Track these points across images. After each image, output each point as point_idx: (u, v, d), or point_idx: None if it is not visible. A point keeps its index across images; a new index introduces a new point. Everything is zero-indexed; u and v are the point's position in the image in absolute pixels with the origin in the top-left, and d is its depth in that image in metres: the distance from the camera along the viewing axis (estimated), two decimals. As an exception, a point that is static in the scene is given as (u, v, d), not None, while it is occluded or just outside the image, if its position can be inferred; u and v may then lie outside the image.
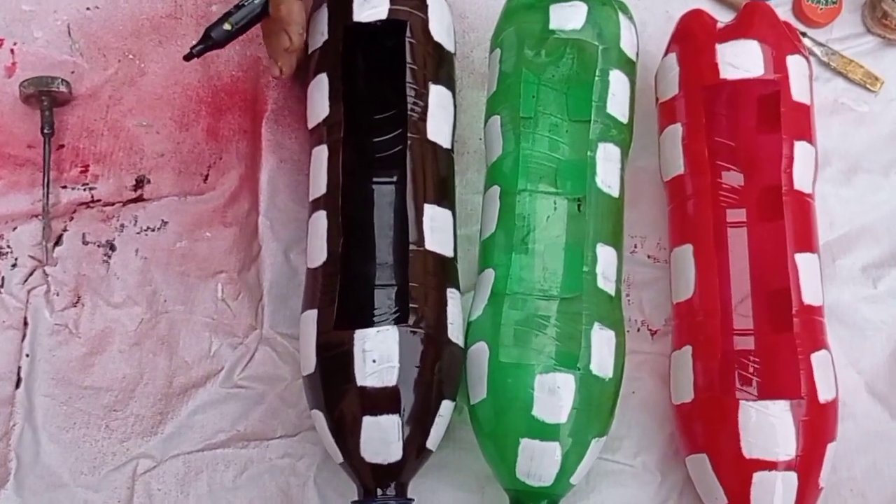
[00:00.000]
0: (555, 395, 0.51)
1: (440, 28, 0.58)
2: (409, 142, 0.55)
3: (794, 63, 0.57)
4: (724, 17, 0.60)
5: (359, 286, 0.53)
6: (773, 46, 0.56)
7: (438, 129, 0.56)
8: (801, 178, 0.56)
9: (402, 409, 0.50)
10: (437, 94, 0.56)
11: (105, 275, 0.61)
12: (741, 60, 0.56)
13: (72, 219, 0.62)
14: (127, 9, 0.66)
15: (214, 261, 0.61)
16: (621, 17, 0.58)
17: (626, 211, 0.62)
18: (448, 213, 0.56)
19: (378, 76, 0.56)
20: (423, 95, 0.56)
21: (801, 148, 0.56)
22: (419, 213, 0.53)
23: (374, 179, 0.55)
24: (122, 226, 0.62)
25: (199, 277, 0.61)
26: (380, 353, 0.50)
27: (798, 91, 0.57)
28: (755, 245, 0.57)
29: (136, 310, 0.60)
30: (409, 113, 0.55)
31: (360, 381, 0.50)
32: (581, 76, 0.58)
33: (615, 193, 0.56)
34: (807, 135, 0.57)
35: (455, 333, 0.53)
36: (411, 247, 0.53)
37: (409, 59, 0.56)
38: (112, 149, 0.63)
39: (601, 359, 0.53)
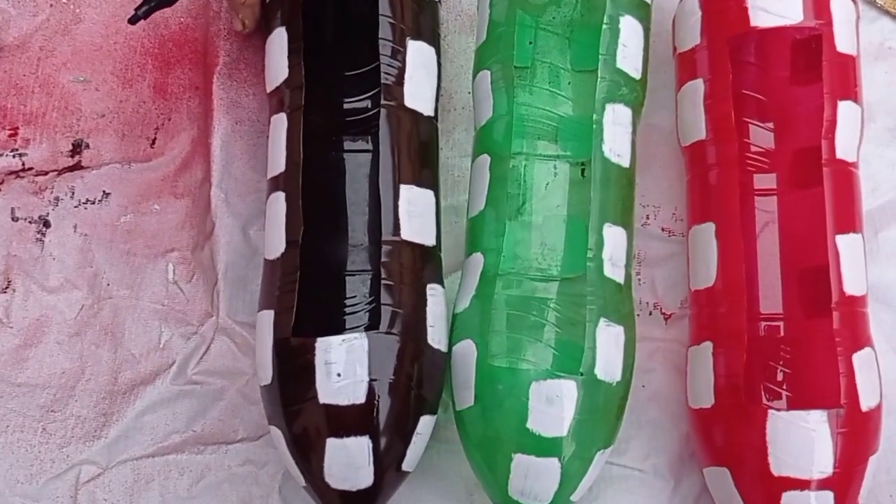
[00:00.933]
0: (553, 405, 0.44)
1: None
2: (382, 111, 0.46)
3: (839, 6, 0.48)
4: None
5: (322, 286, 0.45)
6: None
7: (418, 93, 0.48)
8: (845, 145, 0.48)
9: (373, 430, 0.43)
10: (418, 52, 0.48)
11: (39, 255, 0.54)
12: (776, 4, 0.48)
13: (-1, 190, 0.55)
14: (58, -57, 0.57)
15: (164, 237, 0.54)
16: None
17: (638, 177, 0.54)
18: (429, 193, 0.48)
19: (346, 30, 0.48)
20: (399, 53, 0.47)
21: (845, 109, 0.48)
22: (395, 198, 0.46)
23: (340, 156, 0.46)
24: (58, 199, 0.55)
25: (146, 257, 0.54)
26: (346, 366, 0.43)
27: (843, 41, 0.48)
28: (796, 220, 0.49)
29: (75, 295, 0.53)
30: (382, 75, 0.47)
31: (322, 398, 0.43)
32: (587, 19, 0.50)
33: (625, 163, 0.49)
34: (852, 93, 0.49)
35: (436, 338, 0.46)
36: (385, 238, 0.45)
37: (382, 9, 0.47)
38: (44, 108, 0.56)
39: (607, 360, 0.45)
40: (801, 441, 0.44)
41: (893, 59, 0.57)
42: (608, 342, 0.46)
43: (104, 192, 0.55)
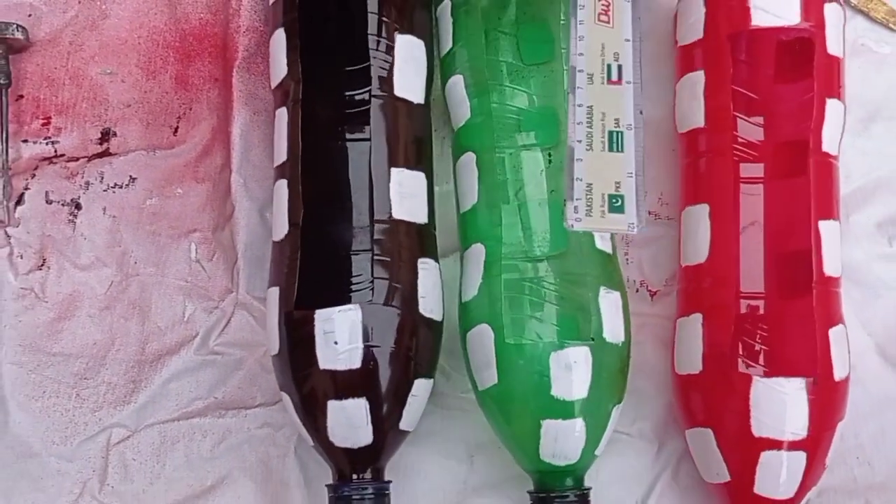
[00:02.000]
0: (573, 371, 0.48)
1: None
2: (373, 101, 0.50)
3: (831, 11, 0.52)
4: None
5: (320, 262, 0.49)
6: None
7: (408, 83, 0.51)
8: (830, 139, 0.52)
9: (370, 392, 0.47)
10: (406, 45, 0.51)
11: (71, 235, 0.57)
12: (776, 6, 0.51)
13: (34, 175, 0.58)
14: (85, -56, 0.61)
15: (187, 219, 0.58)
16: None
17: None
18: (420, 175, 0.51)
19: (339, 29, 0.51)
20: (389, 48, 0.51)
21: (832, 106, 0.52)
22: (386, 180, 0.49)
23: (336, 144, 0.50)
24: (88, 183, 0.58)
25: (170, 237, 0.58)
26: (342, 334, 0.47)
27: (833, 44, 0.52)
28: (773, 203, 0.52)
29: (105, 272, 0.57)
30: (373, 68, 0.50)
31: (322, 364, 0.47)
32: (531, 16, 0.53)
33: None
34: (837, 91, 0.52)
35: (428, 307, 0.50)
36: (377, 217, 0.49)
37: (372, 8, 0.50)
38: (75, 99, 0.59)
39: (612, 324, 0.49)
40: (779, 406, 0.48)
41: (866, 55, 0.60)
42: (610, 307, 0.49)
43: (131, 177, 0.58)
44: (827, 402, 0.48)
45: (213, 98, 0.59)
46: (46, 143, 0.59)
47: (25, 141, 0.58)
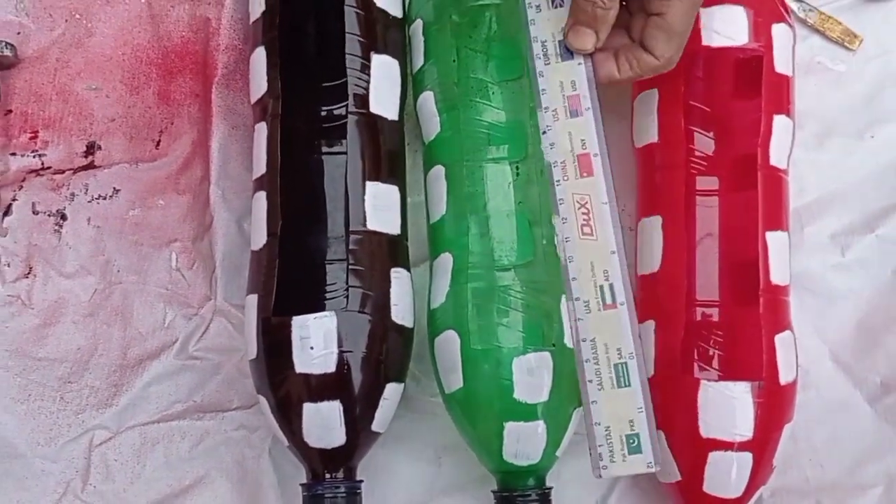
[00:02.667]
0: (534, 376, 0.50)
1: None
2: (349, 116, 0.52)
3: (780, 32, 0.54)
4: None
5: (297, 271, 0.51)
6: (759, 13, 0.54)
7: (383, 100, 0.54)
8: (777, 154, 0.54)
9: (343, 395, 0.49)
10: (382, 64, 0.54)
11: (57, 245, 0.60)
12: (725, 27, 0.53)
13: (21, 187, 0.61)
14: (72, -35, 0.63)
15: (168, 229, 0.60)
16: None
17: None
18: (393, 188, 0.54)
19: (317, 48, 0.53)
20: (365, 66, 0.53)
21: (779, 122, 0.54)
22: (360, 192, 0.52)
23: (313, 158, 0.52)
24: (73, 194, 0.60)
25: (152, 246, 0.60)
26: (317, 340, 0.49)
27: (781, 63, 0.54)
28: (725, 215, 0.54)
29: (89, 280, 0.59)
30: (349, 86, 0.52)
31: (298, 368, 0.49)
32: (502, 34, 0.55)
33: None
34: (785, 108, 0.55)
35: (400, 314, 0.52)
36: (352, 228, 0.51)
37: (348, 28, 0.53)
38: (61, 113, 0.62)
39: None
40: (726, 408, 0.50)
41: (822, 73, 0.62)
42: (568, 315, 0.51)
43: (114, 188, 0.61)
44: (773, 405, 0.51)
45: (193, 113, 0.62)
46: (34, 156, 0.61)
47: (13, 154, 0.61)
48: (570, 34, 0.50)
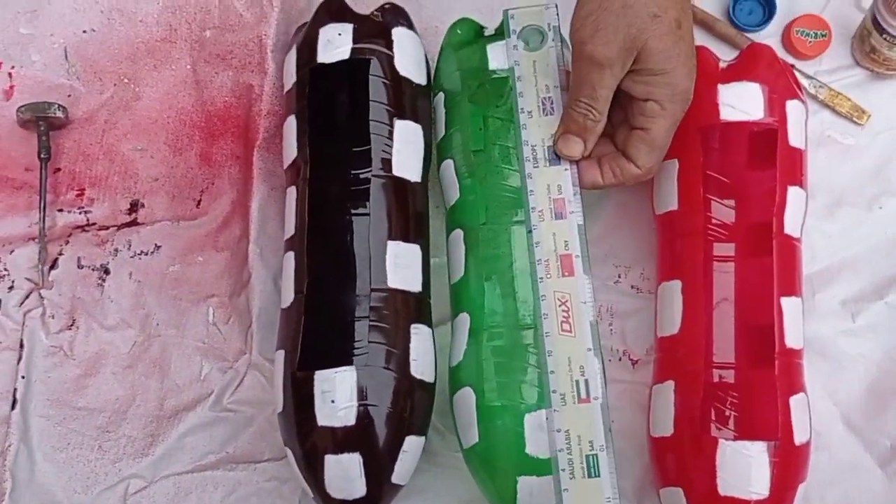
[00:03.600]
0: (545, 431, 0.52)
1: (407, 62, 0.58)
2: (372, 180, 0.55)
3: (793, 108, 0.57)
4: (719, 52, 0.60)
5: (320, 327, 0.53)
6: (774, 90, 0.57)
7: (405, 164, 0.57)
8: (791, 223, 0.57)
9: (363, 447, 0.51)
10: (405, 129, 0.57)
11: (99, 298, 0.62)
12: (742, 102, 0.56)
13: (67, 242, 0.63)
14: (123, 32, 0.67)
15: (206, 285, 0.63)
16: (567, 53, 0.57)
17: (611, 240, 0.64)
18: (415, 247, 0.56)
19: (342, 116, 0.56)
20: (389, 132, 0.56)
21: (793, 193, 0.57)
22: (383, 252, 0.54)
23: (338, 219, 0.55)
24: (117, 250, 0.63)
25: (190, 301, 0.63)
26: (338, 394, 0.51)
27: (794, 136, 0.57)
28: (749, 283, 0.57)
29: (129, 332, 0.62)
30: (373, 151, 0.55)
31: (321, 422, 0.52)
32: None
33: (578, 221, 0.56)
34: (799, 180, 0.58)
35: (420, 370, 0.54)
36: (374, 286, 0.53)
37: (372, 96, 0.56)
38: (107, 172, 0.65)
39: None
40: (743, 467, 0.52)
41: (832, 145, 0.65)
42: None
43: (156, 245, 0.63)
44: (788, 464, 0.53)
45: (233, 174, 0.65)
46: (80, 213, 0.64)
47: (61, 210, 0.64)
48: (559, 141, 0.54)
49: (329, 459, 0.51)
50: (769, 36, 0.67)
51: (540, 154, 0.55)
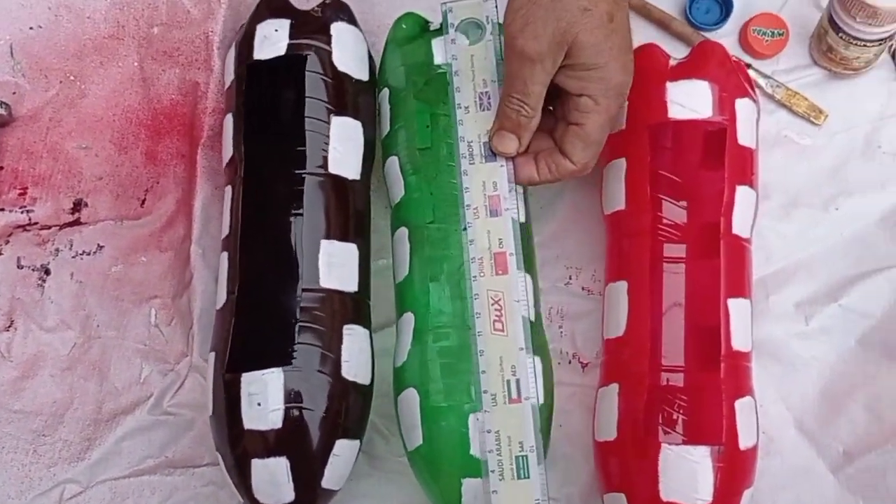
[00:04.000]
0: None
1: (347, 58, 0.57)
2: (307, 178, 0.54)
3: (743, 106, 0.57)
4: (674, 50, 0.59)
5: (250, 329, 0.52)
6: (724, 88, 0.56)
7: (343, 161, 0.56)
8: (740, 223, 0.56)
9: (290, 451, 0.50)
10: (342, 126, 0.56)
11: (39, 298, 0.61)
12: (690, 101, 0.56)
13: (7, 242, 0.62)
14: (70, 29, 0.66)
15: (149, 286, 0.62)
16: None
17: (563, 241, 0.63)
18: (352, 246, 0.55)
19: (277, 113, 0.55)
20: (325, 129, 0.55)
21: (742, 193, 0.56)
22: (315, 251, 0.53)
23: (270, 219, 0.54)
24: (58, 250, 0.62)
25: (133, 302, 0.61)
26: (265, 397, 0.50)
27: (744, 135, 0.56)
28: (691, 282, 0.56)
29: (68, 334, 0.61)
30: (308, 148, 0.54)
31: (247, 425, 0.50)
32: None
33: (521, 219, 0.56)
34: (748, 179, 0.56)
35: (352, 371, 0.53)
36: (304, 286, 0.52)
37: (309, 93, 0.55)
38: (51, 171, 0.64)
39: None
40: (687, 472, 0.51)
41: (788, 145, 0.64)
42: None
43: (99, 244, 0.62)
44: (733, 469, 0.51)
45: (179, 173, 0.64)
46: (21, 212, 0.63)
47: (2, 209, 0.63)
48: (494, 138, 0.53)
49: (256, 464, 0.50)
50: (726, 35, 0.66)
51: (476, 150, 0.54)
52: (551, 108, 0.54)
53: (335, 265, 0.54)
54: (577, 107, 0.51)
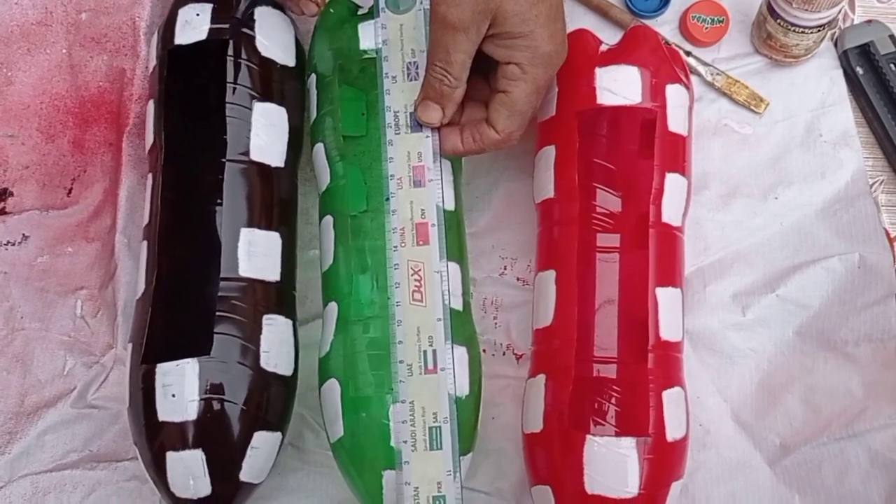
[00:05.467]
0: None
1: (270, 43, 0.56)
2: (228, 165, 0.53)
3: (674, 92, 0.56)
4: (614, 39, 0.58)
5: (166, 319, 0.51)
6: (654, 74, 0.55)
7: (266, 148, 0.54)
8: (670, 211, 0.55)
9: (205, 443, 0.49)
10: (265, 112, 0.55)
11: (-39, 290, 0.60)
12: (619, 87, 0.55)
13: (-71, 231, 0.61)
14: (-4, 15, 0.65)
15: (75, 277, 0.60)
16: None
17: (498, 232, 0.62)
18: (274, 235, 0.54)
19: (198, 99, 0.54)
20: (248, 115, 0.54)
21: (672, 180, 0.55)
22: (234, 239, 0.52)
23: (191, 207, 0.53)
24: (-19, 240, 0.61)
25: (58, 294, 0.60)
26: (179, 388, 0.49)
27: (675, 122, 0.56)
28: (624, 272, 0.55)
29: (-9, 326, 0.59)
30: (229, 135, 0.53)
31: (161, 417, 0.49)
32: None
33: (451, 207, 0.55)
34: (680, 167, 0.56)
35: (273, 362, 0.52)
36: (224, 275, 0.51)
37: (230, 78, 0.54)
38: (-25, 160, 0.62)
39: (457, 378, 0.51)
40: (612, 464, 0.50)
41: (728, 135, 0.63)
42: (455, 361, 0.51)
43: (24, 234, 0.61)
44: (660, 461, 0.50)
45: (106, 162, 0.62)
46: (-56, 201, 0.61)
47: (-75, 198, 0.61)
48: (419, 108, 0.52)
49: (171, 456, 0.49)
50: (666, 22, 0.65)
51: (402, 120, 0.53)
52: (487, 77, 0.53)
53: (256, 254, 0.52)
54: (504, 74, 0.50)
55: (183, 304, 0.51)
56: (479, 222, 0.62)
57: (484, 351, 0.58)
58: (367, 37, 0.56)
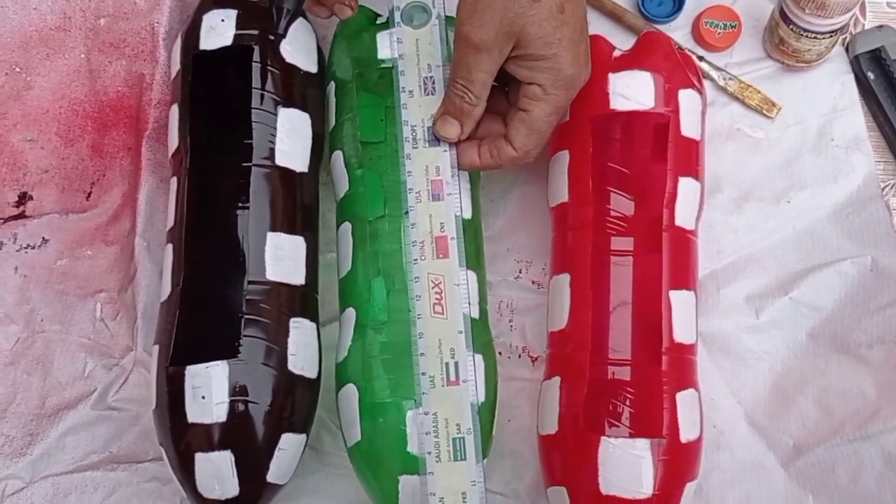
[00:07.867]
0: None
1: (294, 49, 0.56)
2: (254, 170, 0.54)
3: (687, 97, 0.56)
4: (627, 44, 0.59)
5: (194, 321, 0.52)
6: (667, 79, 0.56)
7: (290, 153, 0.55)
8: (683, 215, 0.55)
9: (234, 445, 0.50)
10: (289, 118, 0.55)
11: (-19, 293, 0.60)
12: (633, 92, 0.55)
13: (-50, 235, 0.61)
14: (15, 20, 0.65)
15: (95, 280, 0.61)
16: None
17: (513, 235, 0.62)
18: (299, 239, 0.54)
19: (223, 104, 0.55)
20: (272, 121, 0.55)
21: (685, 184, 0.55)
22: (261, 244, 0.52)
23: (215, 211, 0.53)
24: (2, 243, 0.61)
25: (77, 296, 0.61)
26: (208, 390, 0.50)
27: (688, 127, 0.56)
28: (638, 275, 0.56)
29: (12, 328, 0.60)
30: (255, 140, 0.54)
31: (190, 418, 0.50)
32: None
33: (468, 215, 0.56)
34: (693, 171, 0.56)
35: (300, 365, 0.52)
36: (250, 278, 0.52)
37: (255, 84, 0.54)
38: (-5, 164, 0.63)
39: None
40: (627, 465, 0.50)
41: (741, 139, 0.64)
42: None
43: (44, 238, 0.61)
44: (674, 462, 0.51)
45: (125, 166, 0.63)
46: (-35, 205, 0.62)
47: (-55, 202, 0.62)
48: (438, 123, 0.53)
49: (199, 458, 0.49)
50: (679, 27, 0.66)
51: (420, 134, 0.53)
52: (507, 90, 0.53)
53: (282, 258, 0.53)
54: (525, 94, 0.51)
55: (210, 307, 0.52)
56: (495, 226, 0.62)
57: (500, 354, 0.59)
58: (385, 46, 0.56)
